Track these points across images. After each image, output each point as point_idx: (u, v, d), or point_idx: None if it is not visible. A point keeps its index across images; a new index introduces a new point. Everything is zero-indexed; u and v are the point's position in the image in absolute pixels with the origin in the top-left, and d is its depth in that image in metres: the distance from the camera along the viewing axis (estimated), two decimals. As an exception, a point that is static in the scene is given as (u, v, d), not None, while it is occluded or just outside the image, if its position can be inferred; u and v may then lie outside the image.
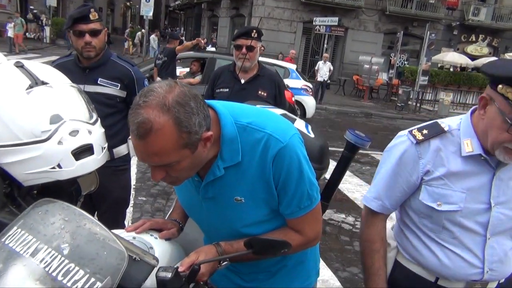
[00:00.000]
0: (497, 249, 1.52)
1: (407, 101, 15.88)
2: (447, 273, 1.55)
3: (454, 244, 1.53)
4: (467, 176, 1.48)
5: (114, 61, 2.61)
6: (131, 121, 1.12)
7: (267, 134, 1.30)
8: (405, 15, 21.40)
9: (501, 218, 1.48)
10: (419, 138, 1.52)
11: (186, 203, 1.55)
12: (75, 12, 2.46)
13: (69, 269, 0.98)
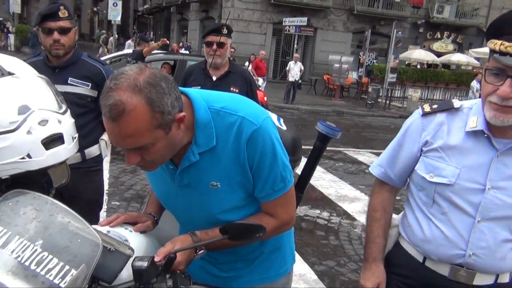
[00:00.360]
0: (487, 235, 1.45)
1: (377, 99, 16.17)
2: (429, 250, 1.54)
3: (442, 220, 1.51)
4: (466, 153, 1.46)
5: (85, 60, 2.56)
6: (103, 104, 1.12)
7: (240, 117, 1.32)
8: (372, 14, 21.82)
9: (496, 203, 1.42)
10: (426, 111, 1.57)
11: (162, 193, 1.55)
12: (44, 9, 2.41)
13: (42, 257, 0.97)
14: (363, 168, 7.40)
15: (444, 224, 1.51)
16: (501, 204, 1.42)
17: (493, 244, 1.45)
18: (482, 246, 1.46)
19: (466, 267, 1.49)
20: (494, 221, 1.44)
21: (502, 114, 1.34)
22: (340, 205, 5.44)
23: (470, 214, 1.46)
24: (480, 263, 1.47)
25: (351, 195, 5.86)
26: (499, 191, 1.42)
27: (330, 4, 21.06)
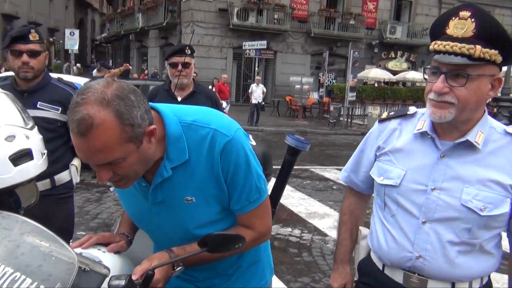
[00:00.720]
0: (432, 237, 1.44)
1: (338, 117, 16.52)
2: (383, 255, 1.55)
3: (391, 223, 1.53)
4: (412, 155, 1.49)
5: (55, 84, 2.50)
6: (71, 119, 1.08)
7: (213, 130, 1.31)
8: (329, 36, 22.46)
9: (439, 204, 1.42)
10: (383, 117, 1.63)
11: (134, 212, 1.50)
12: (14, 31, 2.37)
13: (14, 278, 0.91)
14: (330, 184, 7.48)
15: (393, 226, 1.52)
16: (444, 205, 1.41)
17: (438, 247, 1.43)
18: (428, 248, 1.44)
19: (418, 273, 1.47)
20: (438, 223, 1.43)
21: (438, 110, 1.37)
22: (310, 222, 5.45)
23: (415, 215, 1.46)
24: (428, 267, 1.45)
25: (321, 212, 5.89)
26: (442, 192, 1.42)
27: (288, 27, 21.55)
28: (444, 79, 1.34)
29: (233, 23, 20.61)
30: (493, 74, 1.35)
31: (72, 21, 39.35)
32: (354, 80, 16.47)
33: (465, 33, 1.30)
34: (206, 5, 20.59)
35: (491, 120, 1.45)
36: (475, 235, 1.41)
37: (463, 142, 1.41)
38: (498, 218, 1.39)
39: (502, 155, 1.39)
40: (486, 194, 1.37)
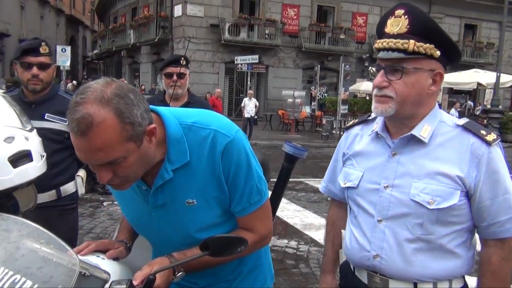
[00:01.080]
0: (388, 235, 1.43)
1: (331, 130, 16.58)
2: (349, 256, 1.57)
3: (354, 224, 1.55)
4: (369, 156, 1.52)
5: (62, 96, 2.52)
6: (70, 119, 1.07)
7: (213, 130, 1.31)
8: (320, 50, 22.67)
9: (392, 201, 1.42)
10: (347, 125, 1.70)
11: (134, 217, 1.48)
12: (25, 43, 2.39)
13: (14, 281, 0.89)
14: (325, 196, 7.40)
15: (356, 227, 1.54)
16: (396, 202, 1.42)
17: (394, 245, 1.43)
18: (384, 247, 1.44)
19: (380, 273, 1.47)
20: (392, 220, 1.43)
21: (379, 104, 1.41)
22: (307, 234, 5.42)
23: (372, 214, 1.47)
24: (386, 266, 1.44)
25: (317, 223, 5.86)
26: (394, 189, 1.43)
27: (279, 42, 21.73)
28: (383, 74, 1.39)
29: (224, 39, 20.75)
30: (433, 68, 1.38)
31: (63, 38, 39.41)
32: (346, 93, 16.58)
33: (400, 29, 1.37)
34: (198, 20, 20.74)
35: (444, 115, 1.47)
36: (429, 231, 1.39)
37: (408, 136, 1.42)
38: (450, 212, 1.37)
39: (450, 147, 1.39)
40: (434, 187, 1.37)
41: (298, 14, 22.32)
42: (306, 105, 19.82)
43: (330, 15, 23.75)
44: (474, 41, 26.03)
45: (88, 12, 50.03)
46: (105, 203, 6.50)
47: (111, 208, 6.21)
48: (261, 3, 21.78)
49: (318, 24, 22.72)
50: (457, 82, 19.05)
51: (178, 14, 21.00)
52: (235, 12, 21.18)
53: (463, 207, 1.38)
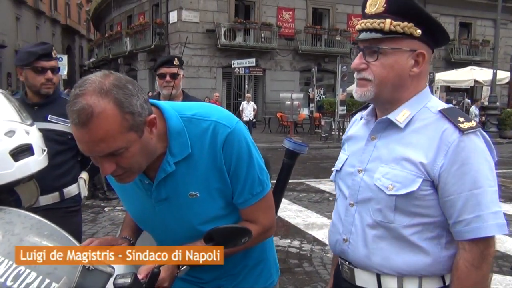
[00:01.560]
0: (356, 219, 1.39)
1: (330, 131, 16.58)
2: (328, 241, 1.54)
3: (335, 209, 1.52)
4: (355, 140, 1.48)
5: (64, 98, 2.54)
6: (70, 111, 1.07)
7: (214, 122, 1.31)
8: (316, 52, 22.73)
9: (362, 185, 1.38)
10: (351, 112, 1.63)
11: (137, 212, 1.47)
12: (38, 48, 2.42)
13: (19, 272, 0.88)
14: (326, 196, 7.45)
15: (335, 211, 1.51)
16: (364, 186, 1.37)
17: (360, 229, 1.38)
18: (352, 231, 1.40)
19: (348, 261, 1.42)
20: (361, 205, 1.38)
21: (358, 88, 1.36)
22: (309, 233, 5.40)
23: (346, 197, 1.44)
24: (352, 251, 1.39)
25: (319, 222, 5.85)
26: (366, 173, 1.38)
27: (276, 45, 21.77)
28: (361, 56, 1.34)
29: (221, 43, 20.79)
30: (414, 48, 1.31)
31: (59, 48, 39.42)
32: (343, 94, 16.60)
33: (377, 9, 1.32)
34: (194, 26, 20.77)
35: (432, 100, 1.37)
36: (388, 218, 1.32)
37: (384, 120, 1.37)
38: (412, 201, 1.28)
39: (424, 133, 1.30)
40: (396, 172, 1.30)
41: (293, 17, 22.37)
42: (304, 107, 19.84)
43: (325, 17, 23.80)
44: (469, 39, 26.10)
45: (83, 21, 50.11)
46: (106, 208, 6.49)
47: (112, 214, 6.20)
48: (256, 7, 21.83)
49: (313, 27, 22.77)
50: (454, 80, 19.10)
51: (173, 20, 21.03)
52: (230, 17, 21.22)
53: (428, 198, 1.28)
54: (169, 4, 21.20)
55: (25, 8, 34.42)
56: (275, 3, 22.03)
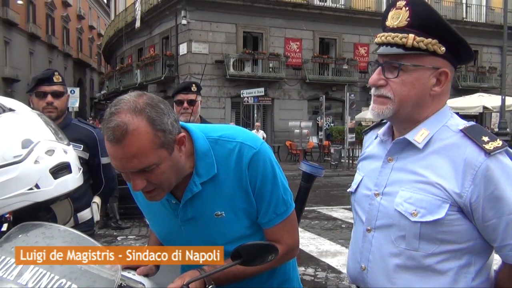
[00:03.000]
0: (374, 246, 1.31)
1: (340, 159, 16.56)
2: (346, 269, 1.47)
3: (353, 234, 1.45)
4: (371, 160, 1.42)
5: (76, 124, 2.61)
6: (106, 128, 1.12)
7: (239, 143, 1.35)
8: (324, 81, 22.93)
9: (380, 210, 1.30)
10: (364, 129, 1.61)
11: (163, 232, 1.50)
12: (39, 74, 2.50)
13: (60, 284, 0.91)
14: (339, 223, 7.40)
15: (353, 236, 1.45)
16: (383, 211, 1.29)
17: (378, 257, 1.30)
18: (370, 258, 1.32)
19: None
20: (379, 231, 1.30)
21: (376, 105, 1.29)
22: (323, 260, 5.35)
23: (363, 222, 1.36)
24: (371, 280, 1.31)
25: (333, 250, 5.80)
26: (384, 197, 1.30)
27: (284, 75, 22.03)
28: (380, 71, 1.27)
29: (229, 74, 21.09)
30: (436, 66, 1.24)
31: (71, 81, 40.27)
32: (352, 121, 16.67)
33: (399, 22, 1.23)
34: (203, 57, 21.15)
35: (452, 119, 1.30)
36: (413, 246, 1.23)
37: (402, 141, 1.30)
38: (438, 227, 1.20)
39: (446, 154, 1.22)
40: (420, 197, 1.21)
41: (300, 47, 22.72)
42: (313, 135, 19.90)
43: (332, 47, 24.14)
44: (476, 66, 26.23)
45: (95, 55, 51.26)
46: (119, 237, 6.49)
47: (125, 243, 6.19)
48: (264, 38, 22.23)
49: (320, 56, 23.07)
50: (463, 106, 19.10)
51: (183, 52, 21.45)
52: (239, 48, 21.61)
53: (455, 223, 1.20)
54: (179, 37, 21.68)
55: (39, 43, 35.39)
56: (282, 34, 22.43)
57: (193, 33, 20.91)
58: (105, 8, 49.35)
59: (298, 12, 22.09)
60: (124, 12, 28.90)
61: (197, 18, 20.78)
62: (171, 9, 21.69)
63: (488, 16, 25.80)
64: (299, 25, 22.38)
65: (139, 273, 1.40)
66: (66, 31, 42.35)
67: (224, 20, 21.11)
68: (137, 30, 24.97)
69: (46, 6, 37.37)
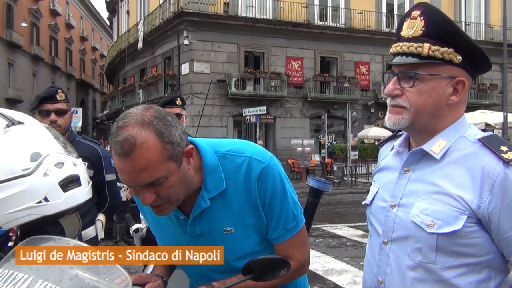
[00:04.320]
0: (391, 259, 1.29)
1: (343, 177, 16.51)
2: (362, 283, 1.44)
3: (369, 247, 1.42)
4: (386, 171, 1.41)
5: (80, 141, 2.60)
6: (114, 142, 1.11)
7: (248, 157, 1.34)
8: (325, 99, 23.03)
9: (397, 222, 1.28)
10: (380, 142, 1.59)
11: (172, 248, 1.48)
12: (42, 92, 2.49)
13: (70, 298, 0.88)
14: (343, 241, 7.32)
15: (369, 249, 1.42)
16: (400, 223, 1.27)
17: (395, 271, 1.27)
18: (387, 272, 1.30)
19: None
20: (396, 243, 1.28)
21: (392, 115, 1.28)
22: (329, 279, 5.28)
23: (380, 234, 1.34)
24: None
25: (338, 268, 5.72)
26: (400, 209, 1.28)
27: (285, 94, 22.14)
28: (396, 81, 1.27)
29: (231, 93, 21.21)
30: (453, 75, 1.23)
31: (74, 101, 40.49)
32: (354, 139, 16.68)
33: (415, 32, 1.24)
34: (205, 77, 21.30)
35: (470, 129, 1.29)
36: (429, 258, 1.20)
37: (418, 151, 1.29)
38: (455, 239, 1.17)
39: (464, 164, 1.20)
40: (437, 208, 1.19)
41: (302, 66, 22.88)
42: (316, 153, 19.88)
43: (333, 65, 24.30)
44: (477, 83, 26.35)
45: (97, 75, 51.74)
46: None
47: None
48: (265, 58, 22.41)
49: (322, 75, 23.21)
50: (465, 123, 19.10)
51: (185, 72, 21.62)
52: (240, 67, 21.77)
53: (473, 236, 1.17)
54: (181, 57, 21.88)
55: (42, 65, 35.75)
56: (283, 53, 22.62)
57: (195, 53, 21.11)
58: (108, 30, 49.96)
59: (299, 31, 22.32)
60: (126, 33, 29.24)
61: (199, 38, 20.99)
62: (173, 29, 21.94)
63: (487, 34, 26.00)
64: (300, 44, 22.59)
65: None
66: (69, 52, 42.80)
67: (226, 40, 21.32)
68: (140, 50, 25.22)
69: (50, 28, 37.85)
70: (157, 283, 1.42)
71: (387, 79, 1.33)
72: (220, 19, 20.86)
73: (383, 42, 21.38)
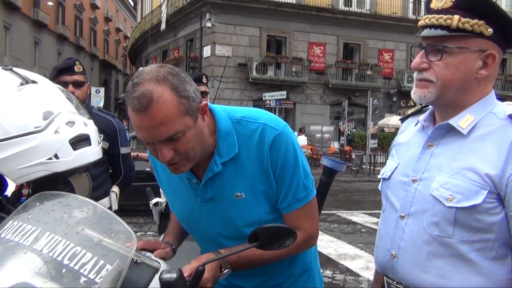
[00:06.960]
0: (406, 233, 1.28)
1: (361, 165, 16.39)
2: (375, 257, 1.44)
3: (382, 221, 1.42)
4: (408, 146, 1.39)
5: (96, 113, 2.61)
6: (130, 98, 1.13)
7: (262, 124, 1.34)
8: (347, 86, 22.80)
9: (416, 196, 1.27)
10: (402, 116, 1.58)
11: (184, 212, 1.50)
12: (60, 63, 2.52)
13: (75, 252, 0.91)
14: (358, 228, 7.30)
15: (382, 224, 1.42)
16: (419, 197, 1.26)
17: (410, 245, 1.27)
18: (401, 246, 1.29)
19: (396, 280, 1.31)
20: (413, 218, 1.27)
21: (418, 89, 1.25)
22: (342, 263, 5.28)
23: (396, 209, 1.33)
24: (402, 268, 1.28)
25: (351, 253, 5.72)
26: (421, 183, 1.27)
27: (306, 79, 21.99)
28: (423, 54, 1.24)
29: (252, 77, 21.17)
30: (483, 49, 1.19)
31: (97, 82, 41.05)
32: (374, 127, 16.49)
33: (444, 4, 1.20)
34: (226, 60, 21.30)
35: (499, 106, 1.26)
36: (447, 232, 1.19)
37: (444, 126, 1.26)
38: (474, 214, 1.16)
39: (491, 140, 1.18)
40: (457, 182, 1.18)
41: (324, 52, 22.64)
42: (335, 140, 19.77)
43: (356, 52, 23.98)
44: (504, 74, 25.68)
45: (120, 56, 52.18)
46: (138, 233, 6.54)
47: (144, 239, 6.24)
48: (288, 42, 22.24)
49: (344, 61, 22.94)
50: (489, 115, 18.69)
51: (207, 55, 21.63)
52: (262, 51, 21.67)
53: (492, 211, 1.15)
54: (203, 40, 21.88)
55: (67, 44, 36.23)
56: (306, 38, 22.40)
57: (217, 36, 21.07)
58: (132, 11, 50.23)
59: (323, 16, 22.03)
60: (150, 14, 29.35)
61: (221, 21, 20.93)
62: (196, 12, 21.90)
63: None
64: (323, 30, 22.32)
65: (156, 255, 1.40)
66: (93, 32, 43.23)
67: (248, 24, 21.21)
68: (162, 32, 25.30)
69: (75, 8, 38.23)
70: (166, 250, 1.43)
71: (414, 52, 1.30)
72: (243, 2, 20.73)
73: (409, 30, 20.96)
